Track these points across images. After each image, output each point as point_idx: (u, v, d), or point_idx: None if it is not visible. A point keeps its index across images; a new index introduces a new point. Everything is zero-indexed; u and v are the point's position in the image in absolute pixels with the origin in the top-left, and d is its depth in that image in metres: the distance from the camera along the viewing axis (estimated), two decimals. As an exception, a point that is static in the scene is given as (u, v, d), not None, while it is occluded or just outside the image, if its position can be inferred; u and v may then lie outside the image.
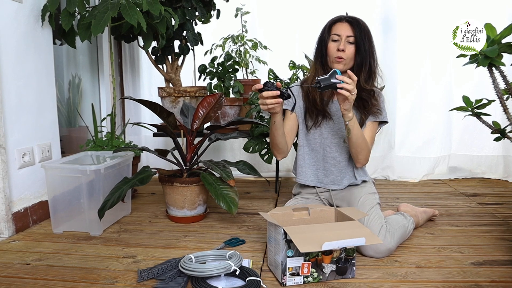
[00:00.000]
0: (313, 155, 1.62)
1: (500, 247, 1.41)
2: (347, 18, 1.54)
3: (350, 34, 1.50)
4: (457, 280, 1.17)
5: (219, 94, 1.75)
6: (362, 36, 1.50)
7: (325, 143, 1.59)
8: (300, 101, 1.61)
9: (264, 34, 2.54)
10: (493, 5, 2.32)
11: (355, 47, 1.50)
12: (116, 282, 1.18)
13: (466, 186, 2.36)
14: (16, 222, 1.62)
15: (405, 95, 2.51)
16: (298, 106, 1.61)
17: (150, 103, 1.62)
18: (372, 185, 1.63)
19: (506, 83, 1.39)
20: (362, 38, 1.50)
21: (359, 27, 1.50)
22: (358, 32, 1.50)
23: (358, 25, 1.51)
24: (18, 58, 1.65)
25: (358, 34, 1.50)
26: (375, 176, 2.60)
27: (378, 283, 1.16)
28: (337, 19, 1.56)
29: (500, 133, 1.49)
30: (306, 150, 1.63)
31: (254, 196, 2.20)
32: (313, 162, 1.63)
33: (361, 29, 1.50)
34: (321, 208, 1.33)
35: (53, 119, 1.88)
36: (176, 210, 1.74)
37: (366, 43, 1.51)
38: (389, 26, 2.50)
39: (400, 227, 1.42)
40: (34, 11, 1.73)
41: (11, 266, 1.30)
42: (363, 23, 1.54)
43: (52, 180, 1.60)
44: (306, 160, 1.64)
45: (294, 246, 1.10)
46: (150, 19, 1.87)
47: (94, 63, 2.55)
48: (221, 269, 1.13)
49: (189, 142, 1.78)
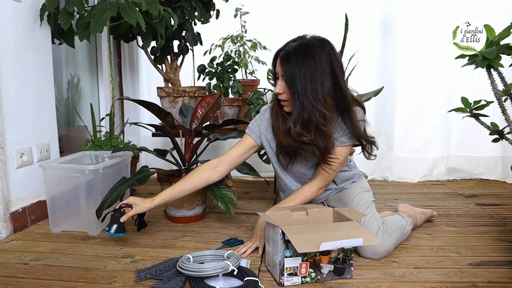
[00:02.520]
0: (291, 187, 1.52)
1: (497, 248, 1.42)
2: (282, 51, 1.32)
3: (282, 74, 1.31)
4: (454, 281, 1.17)
5: (218, 94, 1.75)
6: (293, 74, 1.26)
7: (301, 171, 1.49)
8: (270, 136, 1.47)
9: (264, 34, 2.54)
10: (493, 7, 2.32)
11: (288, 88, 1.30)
12: (114, 282, 1.18)
13: (464, 187, 2.37)
14: (14, 221, 1.62)
15: (405, 97, 2.51)
16: (267, 141, 1.48)
17: (148, 103, 1.62)
18: (364, 181, 1.58)
19: (505, 84, 1.39)
20: (292, 78, 1.27)
21: (288, 64, 1.27)
22: (287, 71, 1.28)
23: (288, 61, 1.27)
24: (16, 57, 1.65)
25: (288, 73, 1.28)
26: (374, 177, 2.60)
27: (376, 283, 1.16)
28: (277, 51, 1.35)
29: (499, 135, 1.49)
30: (284, 183, 1.54)
31: (252, 196, 2.20)
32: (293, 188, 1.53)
33: (291, 66, 1.27)
34: (319, 208, 1.33)
35: (51, 118, 1.88)
36: (174, 210, 1.74)
37: (299, 83, 1.26)
38: (389, 28, 2.50)
39: (398, 228, 1.42)
40: (33, 10, 1.73)
41: (8, 266, 1.30)
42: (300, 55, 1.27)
43: (50, 180, 1.60)
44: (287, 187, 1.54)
45: (292, 246, 1.10)
46: (149, 19, 1.87)
47: (93, 63, 2.55)
48: (219, 269, 1.13)
49: (188, 142, 1.78)
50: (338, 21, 2.17)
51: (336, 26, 2.24)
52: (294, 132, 1.30)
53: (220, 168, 1.48)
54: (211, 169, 1.47)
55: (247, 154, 1.50)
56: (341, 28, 2.08)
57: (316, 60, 1.27)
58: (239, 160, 1.50)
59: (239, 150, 1.48)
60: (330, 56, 1.29)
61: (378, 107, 2.56)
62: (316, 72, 1.26)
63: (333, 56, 1.30)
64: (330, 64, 1.28)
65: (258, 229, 1.41)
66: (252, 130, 1.48)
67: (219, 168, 1.48)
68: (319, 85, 1.26)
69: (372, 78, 2.52)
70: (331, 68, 1.29)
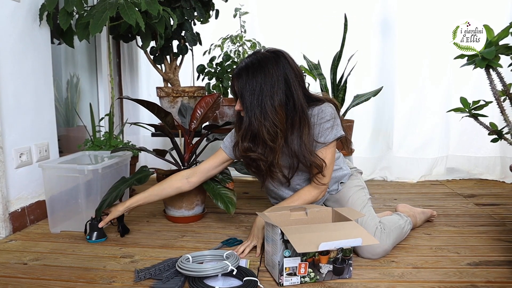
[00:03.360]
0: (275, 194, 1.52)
1: (496, 248, 1.42)
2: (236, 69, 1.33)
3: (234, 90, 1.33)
4: (453, 281, 1.17)
5: (217, 94, 1.75)
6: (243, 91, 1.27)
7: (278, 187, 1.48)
8: None
9: (263, 35, 2.54)
10: (492, 7, 2.33)
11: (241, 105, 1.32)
12: (113, 282, 1.18)
13: (463, 187, 2.37)
14: (13, 221, 1.62)
15: (404, 97, 2.51)
16: None
17: (148, 103, 1.62)
18: (359, 178, 1.55)
19: (504, 84, 1.39)
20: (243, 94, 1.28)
21: (239, 81, 1.29)
22: (238, 88, 1.29)
23: (239, 78, 1.29)
24: (15, 57, 1.65)
25: (239, 90, 1.29)
26: (373, 177, 2.60)
27: (375, 283, 1.17)
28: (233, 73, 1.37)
29: (497, 135, 1.49)
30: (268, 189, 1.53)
31: (252, 196, 2.20)
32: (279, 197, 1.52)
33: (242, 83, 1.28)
34: (318, 208, 1.34)
35: (51, 118, 1.88)
36: (174, 210, 1.74)
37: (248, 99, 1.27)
38: (389, 28, 2.50)
39: (396, 227, 1.42)
40: (32, 10, 1.73)
41: (8, 266, 1.30)
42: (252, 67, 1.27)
43: (49, 180, 1.60)
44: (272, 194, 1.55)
45: (291, 246, 1.11)
46: (149, 19, 1.87)
47: (93, 63, 2.55)
48: (218, 269, 1.13)
49: (187, 142, 1.78)
50: (337, 21, 2.18)
51: (336, 26, 2.24)
52: (241, 146, 1.34)
53: (193, 179, 1.52)
54: (183, 179, 1.52)
55: (220, 168, 1.54)
56: (340, 28, 2.09)
57: (266, 74, 1.26)
58: (212, 172, 1.54)
59: (212, 164, 1.52)
60: (283, 68, 1.28)
61: (377, 107, 2.56)
62: (265, 85, 1.25)
63: (287, 67, 1.29)
64: (283, 75, 1.27)
65: (256, 228, 1.42)
66: (226, 145, 1.50)
67: (191, 179, 1.52)
68: (268, 98, 1.25)
69: (372, 78, 2.53)
70: (285, 80, 1.28)
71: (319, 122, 1.33)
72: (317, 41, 2.47)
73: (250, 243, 1.39)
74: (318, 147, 1.34)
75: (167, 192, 1.53)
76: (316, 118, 1.33)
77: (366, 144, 2.61)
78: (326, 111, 1.33)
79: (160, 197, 1.55)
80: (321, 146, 1.34)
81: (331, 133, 1.34)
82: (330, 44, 2.20)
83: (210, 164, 1.52)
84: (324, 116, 1.33)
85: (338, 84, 2.14)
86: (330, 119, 1.33)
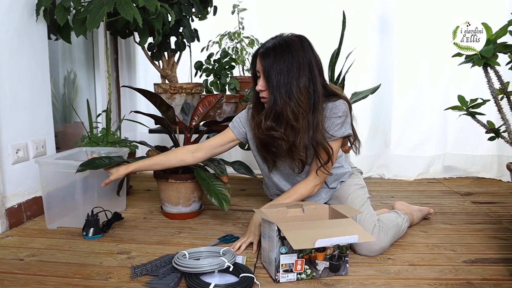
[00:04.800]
0: (276, 186, 1.55)
1: (492, 246, 1.42)
2: (261, 48, 1.34)
3: (261, 71, 1.33)
4: (449, 278, 1.17)
5: (221, 95, 1.75)
6: (270, 70, 1.29)
7: (282, 177, 1.52)
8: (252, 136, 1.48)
9: (261, 31, 2.53)
10: (491, 5, 2.33)
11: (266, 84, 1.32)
12: (109, 278, 1.18)
13: (460, 185, 2.38)
14: (10, 217, 1.62)
15: (402, 95, 2.51)
16: (250, 139, 1.50)
17: (151, 94, 1.62)
18: (359, 177, 1.58)
19: (501, 83, 1.40)
20: (269, 73, 1.29)
21: (266, 60, 1.29)
22: (265, 67, 1.30)
23: (267, 57, 1.29)
24: (12, 53, 1.64)
25: (266, 69, 1.30)
26: (370, 174, 2.61)
27: (371, 280, 1.17)
28: (254, 53, 1.38)
29: (494, 133, 1.49)
30: (269, 181, 1.56)
31: (249, 193, 2.20)
32: (276, 191, 1.56)
33: (269, 62, 1.29)
34: (315, 205, 1.34)
35: (47, 114, 1.87)
36: (171, 206, 1.74)
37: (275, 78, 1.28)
38: (387, 25, 2.50)
39: (393, 225, 1.42)
40: (28, 5, 1.72)
41: (4, 262, 1.30)
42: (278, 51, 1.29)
43: (46, 176, 1.60)
44: (270, 189, 1.58)
45: (287, 243, 1.11)
46: (146, 14, 1.86)
47: (90, 59, 2.54)
48: (214, 266, 1.13)
49: (187, 138, 1.78)
50: (335, 18, 2.17)
51: (334, 23, 2.23)
52: (264, 125, 1.33)
53: (197, 154, 1.53)
54: (188, 153, 1.53)
55: (226, 147, 1.54)
56: (338, 24, 2.08)
57: (294, 56, 1.28)
58: (217, 150, 1.54)
59: (219, 141, 1.52)
60: (308, 53, 1.31)
61: (375, 104, 2.56)
62: (291, 67, 1.28)
63: (311, 53, 1.33)
64: (308, 60, 1.30)
65: (253, 225, 1.42)
66: (235, 125, 1.52)
67: (196, 154, 1.53)
68: (294, 79, 1.28)
69: (370, 76, 2.53)
70: (308, 65, 1.30)
71: (330, 116, 1.35)
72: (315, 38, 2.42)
73: (246, 239, 1.40)
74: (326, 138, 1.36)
75: (170, 163, 1.54)
76: (329, 112, 1.36)
77: (364, 141, 2.60)
78: (340, 107, 1.35)
79: (163, 167, 1.55)
80: (329, 138, 1.36)
81: (340, 130, 1.36)
82: (328, 41, 2.20)
83: (216, 141, 1.53)
84: (337, 112, 1.35)
85: (336, 81, 2.14)
86: (342, 115, 1.35)
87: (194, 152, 1.53)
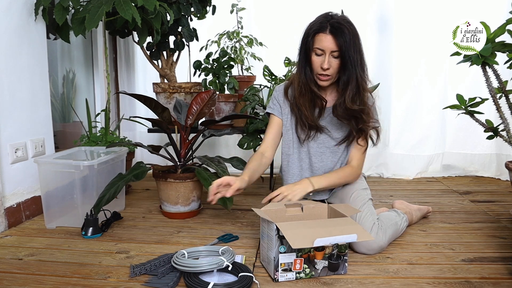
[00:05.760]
0: (299, 165, 1.56)
1: (491, 244, 1.43)
2: (331, 27, 1.32)
3: (335, 49, 1.32)
4: (447, 277, 1.18)
5: (213, 91, 1.75)
6: (349, 48, 1.31)
7: (311, 152, 1.53)
8: (287, 110, 1.52)
9: (260, 31, 2.54)
10: (489, 4, 2.33)
11: (340, 62, 1.35)
12: (108, 278, 1.18)
13: (459, 184, 2.38)
14: (9, 217, 1.61)
15: (401, 94, 2.52)
16: (285, 115, 1.53)
17: (146, 98, 1.62)
18: (363, 180, 1.60)
19: (500, 81, 1.40)
20: (348, 51, 1.31)
21: (344, 38, 1.30)
22: (344, 45, 1.31)
23: (343, 35, 1.30)
24: (11, 52, 1.64)
25: (344, 47, 1.31)
26: (369, 173, 2.61)
27: (370, 279, 1.17)
28: (319, 28, 1.34)
29: (493, 132, 1.50)
30: (293, 160, 1.56)
31: (248, 193, 2.20)
32: (298, 173, 1.56)
33: (346, 40, 1.30)
34: (314, 204, 1.34)
35: (46, 114, 1.87)
36: (170, 206, 1.74)
37: (353, 55, 1.32)
38: (386, 25, 2.50)
39: (392, 224, 1.43)
40: (27, 5, 1.72)
41: (3, 261, 1.30)
42: (349, 29, 1.32)
43: (45, 175, 1.60)
44: (291, 170, 1.56)
45: (286, 242, 1.11)
46: (145, 14, 1.86)
47: (89, 58, 2.53)
48: (213, 265, 1.13)
49: (183, 137, 1.78)
50: (334, 18, 2.16)
51: (333, 23, 2.23)
52: (348, 103, 1.37)
53: (268, 154, 1.53)
54: (262, 158, 1.52)
55: (280, 132, 1.56)
56: (337, 24, 2.07)
57: (358, 36, 1.36)
58: (277, 140, 1.56)
59: (273, 132, 1.54)
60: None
61: (374, 103, 2.56)
62: (361, 46, 1.37)
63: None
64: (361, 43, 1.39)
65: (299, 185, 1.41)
66: (273, 108, 1.54)
67: (267, 154, 1.53)
68: (363, 56, 1.38)
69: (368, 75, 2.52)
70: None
71: None
72: (314, 38, 2.46)
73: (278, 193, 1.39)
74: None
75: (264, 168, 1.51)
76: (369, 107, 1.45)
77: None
78: (372, 98, 1.47)
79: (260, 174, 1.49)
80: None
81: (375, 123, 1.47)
82: (327, 40, 2.20)
83: (271, 135, 1.54)
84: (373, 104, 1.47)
85: (335, 80, 2.14)
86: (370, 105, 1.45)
87: (264, 153, 1.52)
